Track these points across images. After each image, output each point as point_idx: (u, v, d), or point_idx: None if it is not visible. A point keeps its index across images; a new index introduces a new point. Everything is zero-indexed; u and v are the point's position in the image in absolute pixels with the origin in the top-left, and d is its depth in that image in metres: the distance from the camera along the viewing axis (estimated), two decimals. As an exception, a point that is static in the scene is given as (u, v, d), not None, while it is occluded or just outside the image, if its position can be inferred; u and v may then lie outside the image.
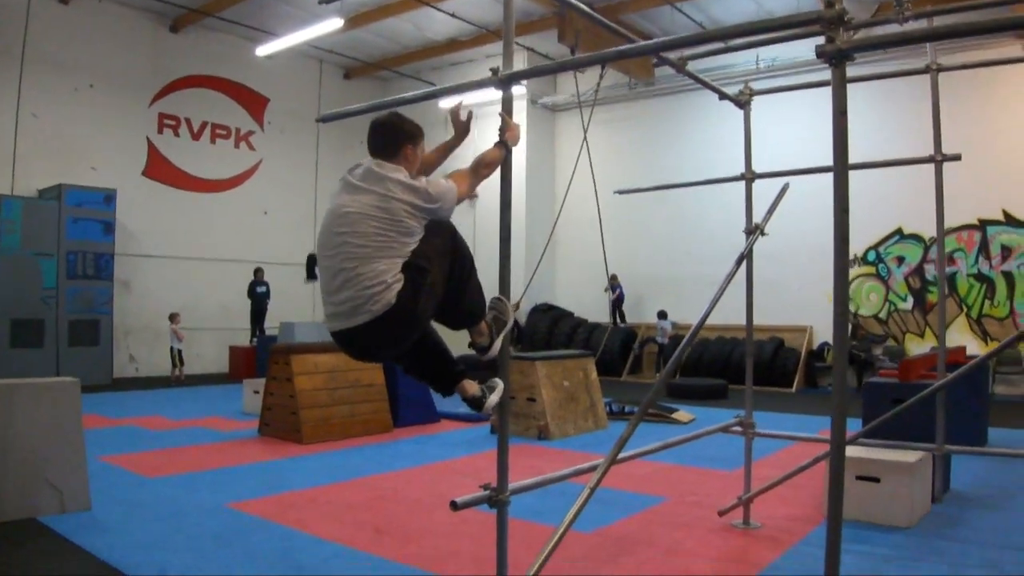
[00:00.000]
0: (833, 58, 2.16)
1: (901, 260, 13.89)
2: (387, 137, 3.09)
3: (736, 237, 4.74)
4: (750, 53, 14.08)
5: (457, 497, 3.11)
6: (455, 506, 3.06)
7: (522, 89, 16.90)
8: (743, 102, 4.95)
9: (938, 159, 4.74)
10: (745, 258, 4.43)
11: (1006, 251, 12.86)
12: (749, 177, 5.08)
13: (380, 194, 2.92)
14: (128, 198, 14.56)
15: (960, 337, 12.68)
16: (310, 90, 18.34)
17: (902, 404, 3.91)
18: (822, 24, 2.30)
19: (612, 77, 15.82)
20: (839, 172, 2.17)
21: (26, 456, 5.08)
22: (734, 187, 5.16)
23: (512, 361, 8.80)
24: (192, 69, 16.22)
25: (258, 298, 15.75)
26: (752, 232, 4.63)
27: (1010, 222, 12.82)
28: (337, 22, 13.91)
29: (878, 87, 11.63)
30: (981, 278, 13.07)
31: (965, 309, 13.21)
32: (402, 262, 2.89)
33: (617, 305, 16.41)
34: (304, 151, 18.30)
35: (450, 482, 6.32)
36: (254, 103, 17.42)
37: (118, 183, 14.39)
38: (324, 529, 5.00)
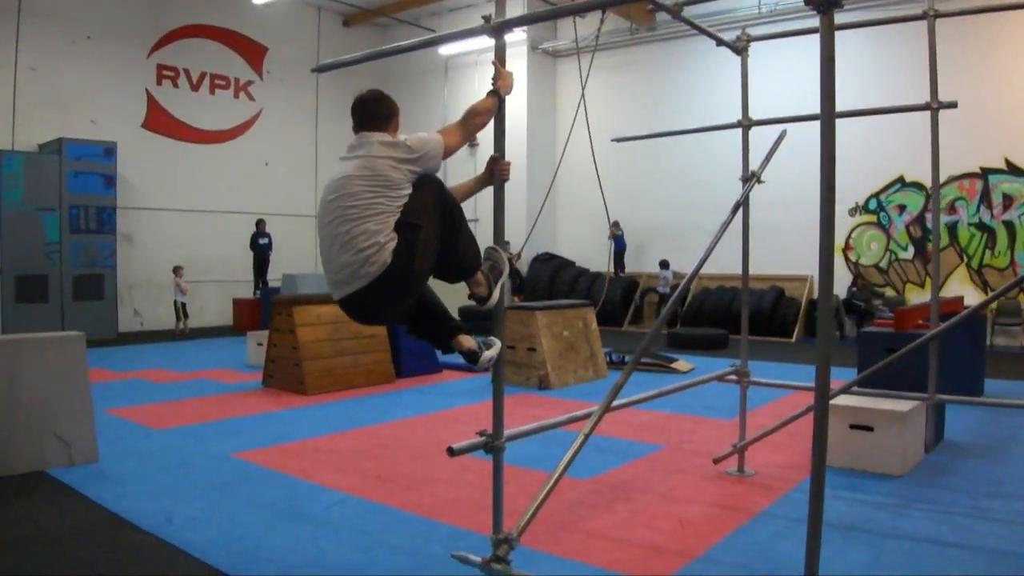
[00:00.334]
0: (820, 5, 2.14)
1: (902, 209, 13.75)
2: (370, 111, 3.17)
3: (738, 186, 4.72)
4: (753, -1, 13.82)
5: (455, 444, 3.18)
6: (452, 452, 3.12)
7: (522, 35, 16.65)
8: (740, 48, 4.89)
9: (934, 107, 4.69)
10: (741, 206, 4.41)
11: (1007, 200, 12.72)
12: (746, 124, 5.04)
13: (364, 155, 3.03)
14: (128, 151, 14.50)
15: (960, 287, 12.63)
16: (309, 38, 18.11)
17: (895, 353, 3.93)
18: (810, -30, 2.26)
19: (613, 22, 15.56)
20: (826, 120, 2.17)
21: (34, 410, 5.17)
22: (737, 134, 5.12)
23: (512, 311, 8.97)
24: (190, 19, 16.01)
25: (260, 250, 15.76)
26: (748, 180, 4.62)
27: (1012, 171, 12.67)
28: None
29: (879, 33, 11.46)
30: (982, 227, 12.95)
31: (966, 259, 13.11)
32: (394, 220, 2.94)
33: (619, 255, 16.34)
34: (304, 100, 18.14)
35: (452, 431, 6.41)
36: (253, 52, 17.22)
37: (118, 136, 14.33)
38: (327, 477, 5.10)
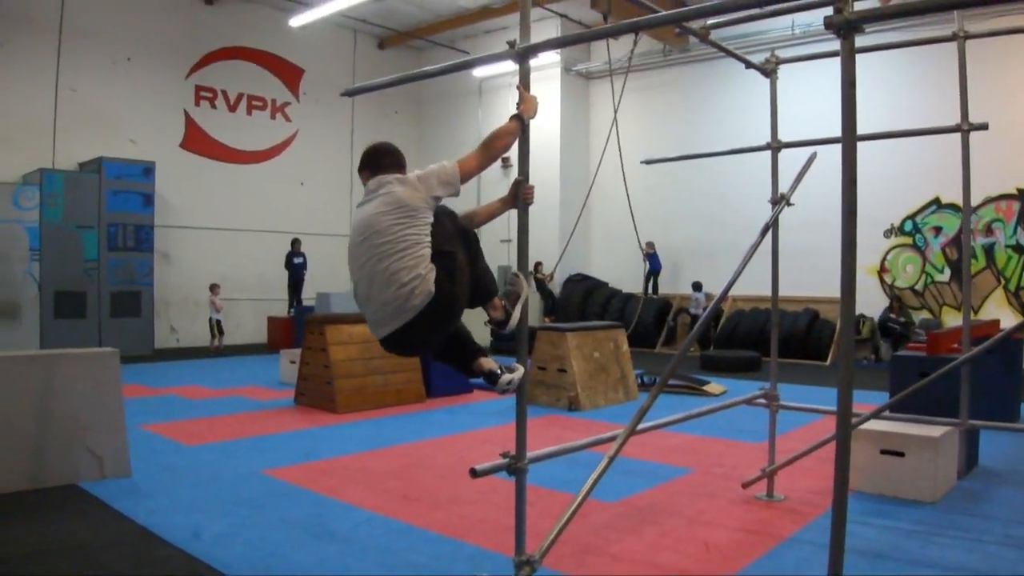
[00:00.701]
0: (841, 29, 2.14)
1: (938, 231, 13.51)
2: (385, 160, 3.29)
3: (770, 207, 4.71)
4: (785, 19, 13.75)
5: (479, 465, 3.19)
6: (474, 473, 3.13)
7: (556, 57, 16.71)
8: (769, 70, 4.88)
9: (964, 128, 4.65)
10: (770, 228, 4.40)
11: (1046, 222, 12.47)
12: (775, 147, 5.03)
13: (385, 192, 3.12)
14: (167, 170, 14.80)
15: (997, 311, 12.36)
16: (344, 60, 18.40)
17: (927, 378, 3.87)
18: (830, -7, 2.27)
19: (646, 43, 15.61)
20: (847, 143, 2.16)
21: (67, 424, 5.27)
22: (768, 156, 5.12)
23: (542, 332, 8.97)
24: (227, 41, 16.35)
25: (295, 269, 15.95)
26: (777, 202, 4.60)
27: (1050, 192, 12.42)
28: (369, -9, 13.91)
29: (910, 53, 11.33)
30: (1020, 249, 12.67)
31: (1003, 281, 12.82)
32: (428, 253, 3.03)
33: (652, 276, 16.23)
34: (340, 121, 18.39)
35: (479, 451, 6.41)
36: (289, 74, 17.52)
37: (157, 155, 14.65)
38: (355, 496, 5.13)
